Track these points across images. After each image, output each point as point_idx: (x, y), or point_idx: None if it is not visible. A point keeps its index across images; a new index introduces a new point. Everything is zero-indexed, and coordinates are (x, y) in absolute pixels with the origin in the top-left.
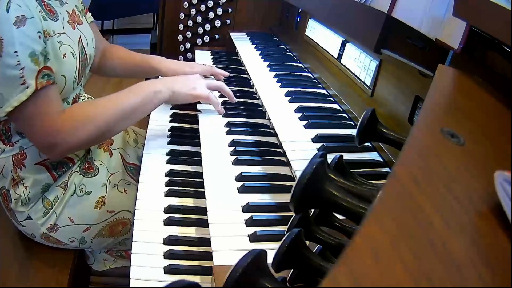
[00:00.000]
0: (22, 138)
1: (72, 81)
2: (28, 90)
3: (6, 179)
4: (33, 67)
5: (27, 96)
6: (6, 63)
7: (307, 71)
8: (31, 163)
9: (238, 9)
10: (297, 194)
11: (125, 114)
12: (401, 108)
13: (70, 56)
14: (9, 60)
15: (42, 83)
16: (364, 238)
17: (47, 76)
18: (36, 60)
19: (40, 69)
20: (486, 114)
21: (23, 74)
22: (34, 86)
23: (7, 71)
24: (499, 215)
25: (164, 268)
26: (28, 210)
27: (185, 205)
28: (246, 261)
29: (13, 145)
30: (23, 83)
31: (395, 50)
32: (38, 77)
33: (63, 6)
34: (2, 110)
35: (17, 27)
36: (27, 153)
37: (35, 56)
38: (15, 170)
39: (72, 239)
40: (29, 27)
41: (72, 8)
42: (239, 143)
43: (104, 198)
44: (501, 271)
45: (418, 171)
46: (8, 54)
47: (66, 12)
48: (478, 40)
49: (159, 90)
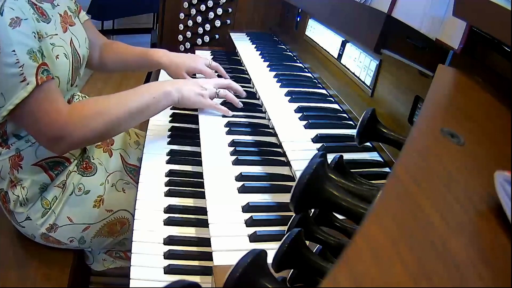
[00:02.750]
0: (18, 140)
1: (65, 82)
2: (29, 87)
3: (4, 181)
4: (32, 64)
5: (27, 92)
6: (4, 62)
7: (307, 71)
8: (28, 165)
9: (238, 9)
10: (297, 194)
11: (133, 113)
12: (401, 108)
13: (63, 57)
14: (8, 59)
15: (42, 78)
16: (364, 238)
17: (46, 71)
18: (35, 56)
19: (39, 64)
20: (486, 114)
21: (22, 71)
22: (34, 82)
23: (6, 70)
24: (499, 215)
25: (164, 268)
26: (27, 211)
27: (185, 205)
28: (246, 261)
29: (10, 147)
30: (23, 80)
31: (395, 50)
32: (38, 73)
33: (55, 9)
34: (4, 109)
35: (13, 28)
36: (23, 155)
37: (33, 52)
38: (12, 172)
39: (72, 239)
40: (24, 27)
41: (64, 10)
42: (239, 143)
43: (103, 197)
44: (501, 271)
45: (418, 171)
46: (6, 54)
47: (58, 14)
48: (478, 40)
49: (168, 92)
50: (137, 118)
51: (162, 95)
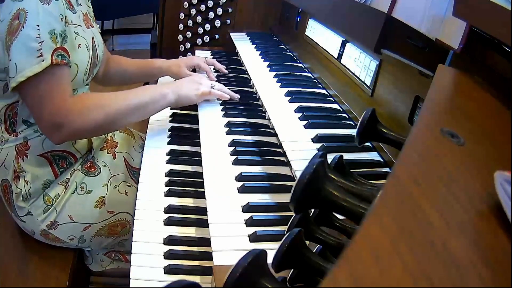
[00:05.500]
0: (28, 127)
1: (83, 73)
2: (44, 63)
3: (8, 171)
4: (51, 44)
5: (42, 68)
6: (27, 33)
7: (307, 71)
8: (34, 154)
9: (238, 9)
10: (297, 194)
11: (132, 109)
12: (401, 108)
13: (84, 48)
14: (31, 32)
15: (57, 60)
16: (364, 238)
17: (62, 56)
18: (55, 38)
19: (56, 47)
20: (486, 114)
21: (41, 47)
22: (49, 60)
23: (27, 41)
24: (499, 215)
25: (164, 268)
26: (28, 206)
27: (185, 205)
28: (246, 261)
29: (17, 135)
30: (40, 55)
31: (395, 50)
32: (54, 54)
33: (78, 7)
34: (14, 80)
35: (43, 4)
36: (31, 144)
37: (54, 34)
38: (17, 160)
39: (72, 237)
40: (53, 7)
41: (86, 11)
42: (239, 143)
43: (105, 198)
44: (501, 271)
45: (418, 171)
46: (31, 26)
47: (81, 12)
48: (478, 40)
49: (165, 93)
50: (135, 115)
51: (160, 96)
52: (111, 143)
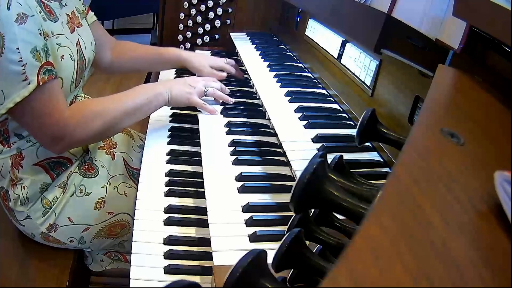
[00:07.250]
0: (20, 139)
1: (69, 83)
2: (31, 86)
3: (5, 180)
4: (35, 63)
5: (29, 91)
6: (8, 59)
7: (307, 71)
8: (29, 164)
9: (238, 9)
10: (297, 194)
11: (129, 113)
12: (401, 108)
13: (68, 59)
14: (11, 56)
15: (44, 78)
16: (364, 238)
17: (48, 71)
18: (38, 55)
19: (42, 64)
20: (486, 114)
21: (25, 70)
22: (35, 82)
23: (9, 67)
24: (499, 215)
25: (164, 268)
26: (27, 210)
27: (185, 205)
28: (246, 261)
29: (11, 146)
30: (25, 79)
31: (395, 50)
32: (40, 73)
33: (63, 9)
34: (3, 107)
35: (19, 24)
36: (24, 154)
37: (37, 51)
38: (12, 170)
39: (72, 239)
40: (30, 24)
41: (72, 10)
42: (239, 143)
43: (104, 199)
44: (501, 271)
45: (418, 171)
46: (10, 50)
47: (66, 14)
48: (478, 40)
49: (160, 93)
50: (132, 118)
51: (154, 96)
52: (110, 144)
